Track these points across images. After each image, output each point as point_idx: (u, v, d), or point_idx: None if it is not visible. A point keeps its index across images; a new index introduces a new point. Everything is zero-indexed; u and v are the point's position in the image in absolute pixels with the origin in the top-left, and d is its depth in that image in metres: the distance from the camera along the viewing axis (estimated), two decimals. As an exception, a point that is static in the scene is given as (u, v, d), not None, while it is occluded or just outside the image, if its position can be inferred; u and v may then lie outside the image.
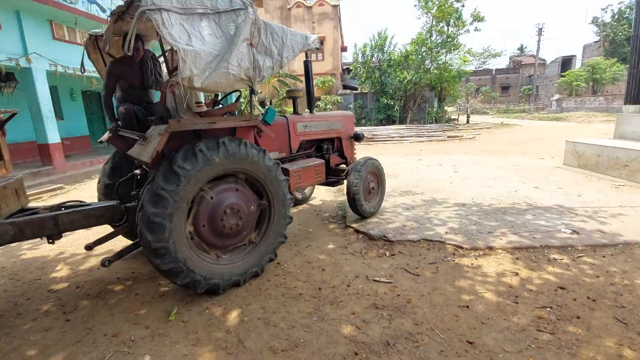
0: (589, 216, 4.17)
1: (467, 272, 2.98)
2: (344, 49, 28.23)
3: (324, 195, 5.85)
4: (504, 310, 2.41)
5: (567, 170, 7.00)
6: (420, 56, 20.98)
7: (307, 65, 4.12)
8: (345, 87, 25.57)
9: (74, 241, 4.21)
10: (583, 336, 2.12)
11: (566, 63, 41.45)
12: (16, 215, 2.60)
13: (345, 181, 4.46)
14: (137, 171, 3.10)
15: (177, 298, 2.78)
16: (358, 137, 4.79)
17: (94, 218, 2.84)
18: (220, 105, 3.60)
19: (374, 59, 21.90)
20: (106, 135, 3.48)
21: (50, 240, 2.69)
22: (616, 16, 35.67)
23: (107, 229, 3.33)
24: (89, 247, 2.96)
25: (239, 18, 2.69)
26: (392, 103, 21.06)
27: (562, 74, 36.04)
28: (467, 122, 22.61)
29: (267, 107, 2.90)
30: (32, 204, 3.23)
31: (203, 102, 3.07)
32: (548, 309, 2.41)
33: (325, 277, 3.03)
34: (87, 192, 7.10)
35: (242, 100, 3.80)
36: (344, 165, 4.76)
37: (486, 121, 24.33)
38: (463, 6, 20.19)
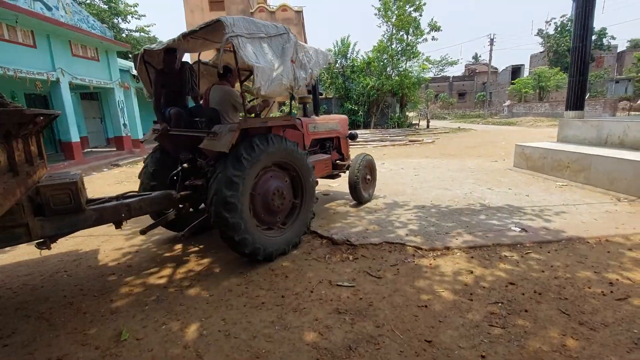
0: (536, 215, 4.47)
1: (425, 272, 3.08)
2: (307, 54, 28.43)
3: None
4: (459, 308, 2.51)
5: (517, 172, 7.47)
6: (382, 63, 21.58)
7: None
8: (310, 92, 25.69)
9: (14, 257, 3.88)
10: (530, 328, 2.26)
11: (516, 71, 44.50)
12: (92, 204, 2.91)
13: (343, 174, 5.40)
14: (186, 165, 3.63)
15: (131, 314, 2.63)
16: (353, 137, 5.68)
17: (157, 205, 3.29)
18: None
19: (337, 65, 22.23)
20: (151, 135, 3.99)
21: (118, 226, 3.07)
22: (559, 29, 38.71)
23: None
24: (143, 232, 3.38)
25: (284, 41, 3.50)
26: (357, 108, 21.46)
27: (512, 81, 38.57)
28: (427, 126, 23.55)
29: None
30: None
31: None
32: (499, 304, 2.54)
33: (289, 284, 3.00)
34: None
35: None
36: (338, 161, 5.43)
37: (445, 126, 25.48)
38: (421, 16, 21.07)
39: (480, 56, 61.60)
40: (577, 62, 7.68)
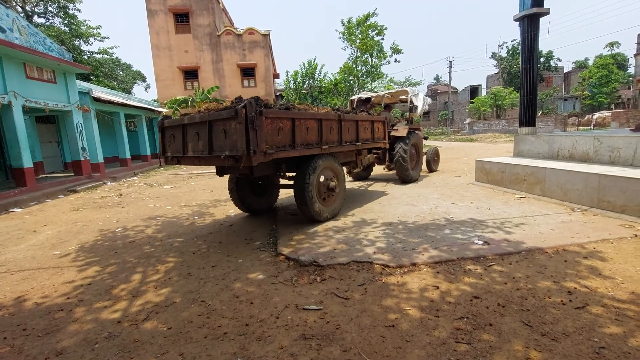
0: (497, 227, 4.61)
1: (393, 290, 3.05)
2: (276, 75, 28.71)
3: (255, 222, 5.68)
4: (426, 326, 2.49)
5: (478, 186, 7.77)
6: (348, 84, 22.20)
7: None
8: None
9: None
10: (495, 342, 2.26)
11: (474, 91, 47.18)
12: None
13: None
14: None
15: (79, 355, 2.40)
16: (425, 138, 10.68)
17: (372, 159, 7.67)
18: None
19: (305, 86, 22.61)
20: None
21: (358, 169, 7.48)
22: (511, 52, 41.73)
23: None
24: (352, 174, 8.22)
25: (418, 93, 9.49)
26: (325, 128, 21.78)
27: (472, 100, 40.80)
28: (395, 144, 24.20)
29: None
30: None
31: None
32: (465, 319, 2.54)
33: (254, 311, 2.87)
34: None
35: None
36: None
37: (411, 143, 26.24)
38: (383, 39, 22.09)
39: (441, 77, 65.15)
40: (526, 82, 8.24)
